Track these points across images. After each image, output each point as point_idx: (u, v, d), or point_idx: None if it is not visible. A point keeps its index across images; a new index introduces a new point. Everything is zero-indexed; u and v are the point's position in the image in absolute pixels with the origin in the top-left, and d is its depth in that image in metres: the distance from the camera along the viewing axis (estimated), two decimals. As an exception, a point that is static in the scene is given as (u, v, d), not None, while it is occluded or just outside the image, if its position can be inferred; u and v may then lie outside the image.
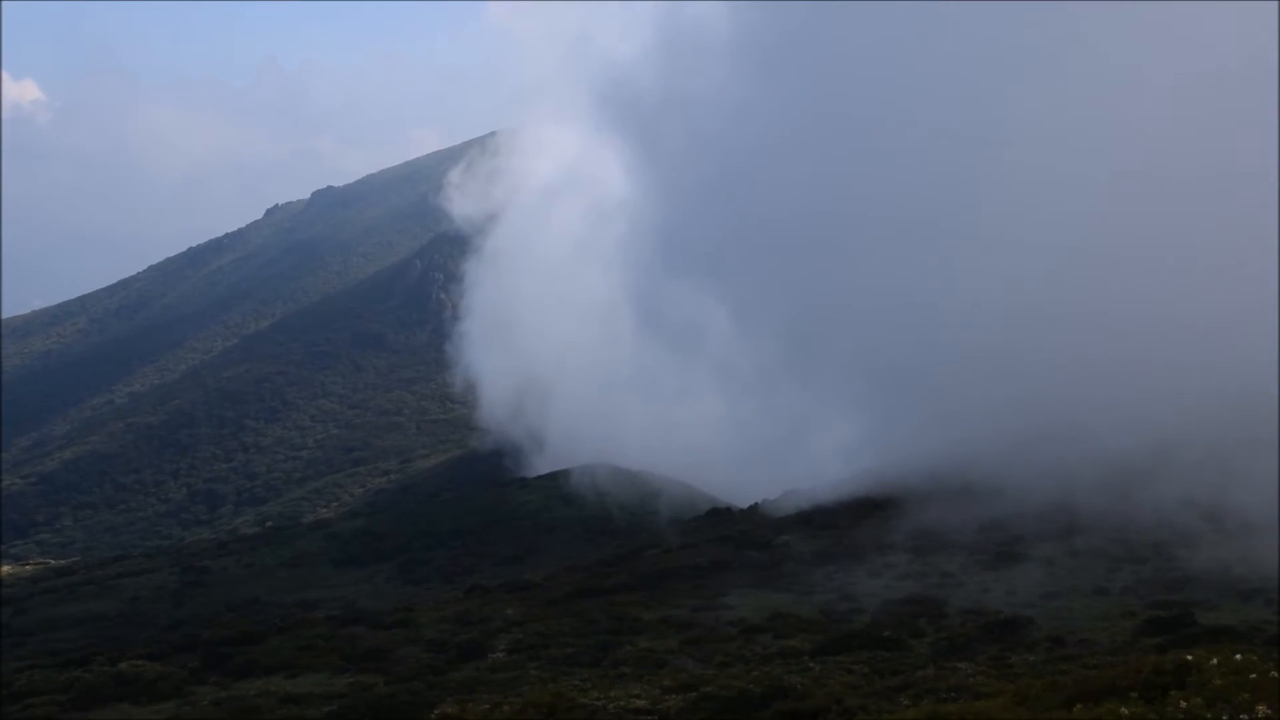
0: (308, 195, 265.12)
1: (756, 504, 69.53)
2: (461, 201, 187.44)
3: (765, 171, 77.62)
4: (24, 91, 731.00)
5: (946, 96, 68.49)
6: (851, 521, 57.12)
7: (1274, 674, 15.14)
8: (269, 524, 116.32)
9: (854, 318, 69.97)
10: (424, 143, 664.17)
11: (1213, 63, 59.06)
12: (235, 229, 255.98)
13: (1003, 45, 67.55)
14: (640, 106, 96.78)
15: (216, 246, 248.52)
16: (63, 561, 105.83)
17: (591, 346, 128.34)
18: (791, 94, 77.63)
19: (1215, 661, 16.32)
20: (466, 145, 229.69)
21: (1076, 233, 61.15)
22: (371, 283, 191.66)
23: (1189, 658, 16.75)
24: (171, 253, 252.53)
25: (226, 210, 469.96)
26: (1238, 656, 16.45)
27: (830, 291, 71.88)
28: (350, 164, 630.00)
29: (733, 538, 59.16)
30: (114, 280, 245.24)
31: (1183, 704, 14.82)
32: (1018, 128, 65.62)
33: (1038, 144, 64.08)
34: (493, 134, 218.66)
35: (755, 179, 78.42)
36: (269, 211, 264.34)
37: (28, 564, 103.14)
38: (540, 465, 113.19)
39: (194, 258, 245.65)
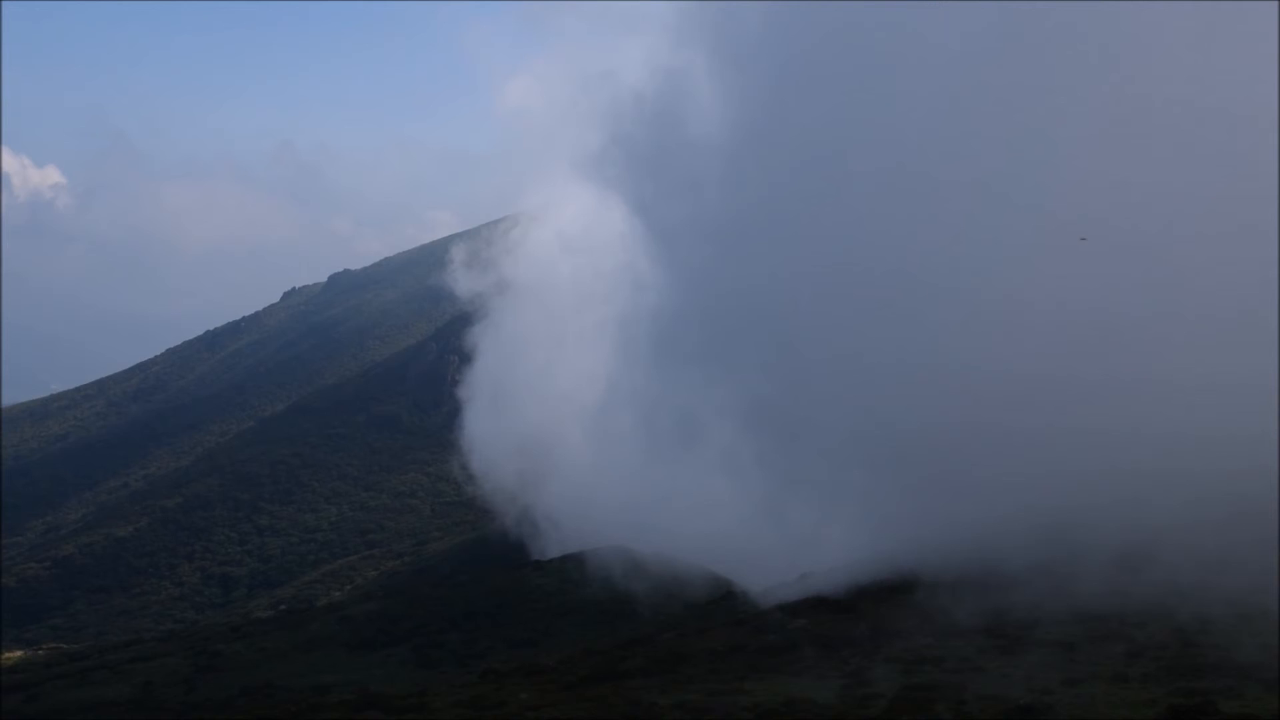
0: (324, 278, 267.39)
1: (770, 587, 68.99)
2: (473, 283, 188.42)
3: (752, 252, 76.97)
4: (46, 177, 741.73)
5: (950, 156, 66.64)
6: (867, 605, 56.58)
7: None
8: (282, 607, 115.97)
9: (854, 396, 68.69)
10: (441, 224, 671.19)
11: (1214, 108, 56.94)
12: (252, 312, 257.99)
13: (1006, 99, 65.41)
14: (637, 180, 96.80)
15: (234, 329, 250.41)
16: (75, 646, 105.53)
17: (599, 427, 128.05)
18: (786, 166, 76.56)
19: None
20: (482, 227, 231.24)
21: (1085, 296, 59.25)
22: (387, 365, 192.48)
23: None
24: (189, 333, 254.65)
25: (244, 290, 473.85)
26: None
27: (826, 370, 70.65)
28: (367, 244, 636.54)
29: (747, 621, 58.75)
30: (131, 364, 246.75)
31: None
32: (1019, 188, 63.56)
33: (1044, 204, 62.08)
34: (508, 215, 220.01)
35: (743, 260, 77.73)
36: (286, 294, 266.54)
37: (40, 649, 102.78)
38: (552, 546, 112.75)
39: (211, 341, 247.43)
